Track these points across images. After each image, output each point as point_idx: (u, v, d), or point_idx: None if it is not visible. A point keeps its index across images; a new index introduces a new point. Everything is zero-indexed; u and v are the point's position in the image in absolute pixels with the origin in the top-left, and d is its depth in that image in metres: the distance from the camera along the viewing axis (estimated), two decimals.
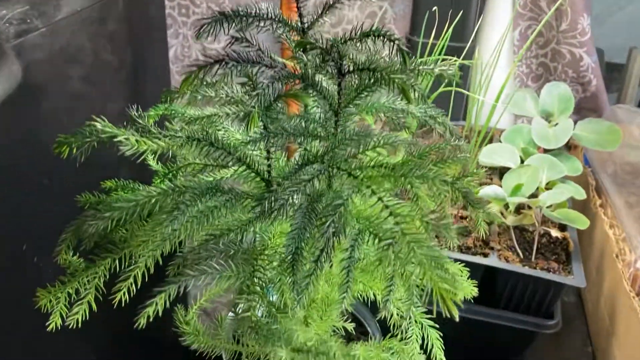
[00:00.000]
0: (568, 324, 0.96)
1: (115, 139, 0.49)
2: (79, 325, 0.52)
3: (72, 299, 0.54)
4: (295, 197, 0.47)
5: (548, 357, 0.92)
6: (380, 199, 0.43)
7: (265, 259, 0.50)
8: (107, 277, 0.54)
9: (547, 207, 0.85)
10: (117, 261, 0.54)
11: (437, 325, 0.58)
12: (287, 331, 0.39)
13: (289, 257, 0.46)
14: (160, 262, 0.53)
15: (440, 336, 0.59)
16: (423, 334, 0.57)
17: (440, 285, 0.40)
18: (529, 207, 0.86)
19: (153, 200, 0.49)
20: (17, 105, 0.78)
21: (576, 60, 1.13)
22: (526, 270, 0.79)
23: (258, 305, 0.46)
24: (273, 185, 0.55)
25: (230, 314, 0.67)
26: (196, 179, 0.51)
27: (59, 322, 0.54)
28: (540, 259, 0.82)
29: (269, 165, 0.56)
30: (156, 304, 0.43)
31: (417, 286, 0.48)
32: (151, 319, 0.43)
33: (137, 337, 1.31)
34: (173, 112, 0.59)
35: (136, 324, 0.42)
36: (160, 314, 0.45)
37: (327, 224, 0.42)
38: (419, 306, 0.56)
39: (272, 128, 0.52)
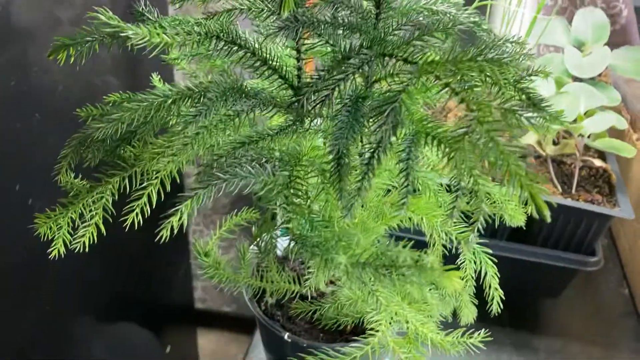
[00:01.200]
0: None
1: (121, 34, 0.41)
2: (86, 249, 0.44)
3: (77, 225, 0.47)
4: (336, 93, 0.40)
5: (584, 299, 0.87)
6: (447, 84, 0.36)
7: (301, 169, 0.43)
8: (117, 197, 0.46)
9: (587, 137, 0.78)
10: (126, 180, 0.47)
11: (490, 250, 0.52)
12: (345, 235, 0.33)
13: (334, 162, 0.39)
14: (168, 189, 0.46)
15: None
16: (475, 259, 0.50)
17: (526, 182, 0.33)
18: (569, 137, 0.80)
19: (170, 101, 0.42)
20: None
21: None
22: (569, 202, 0.72)
23: (298, 217, 0.39)
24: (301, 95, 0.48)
25: (253, 247, 0.60)
26: (218, 78, 0.44)
27: (62, 249, 0.47)
28: (582, 192, 0.76)
29: (299, 69, 0.48)
30: (181, 213, 0.35)
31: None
32: (175, 231, 0.36)
33: (147, 304, 1.25)
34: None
35: (158, 237, 0.36)
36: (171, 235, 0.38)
37: (387, 112, 0.35)
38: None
39: (303, 18, 0.44)
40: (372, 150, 0.38)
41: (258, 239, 0.59)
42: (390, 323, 0.44)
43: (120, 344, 1.17)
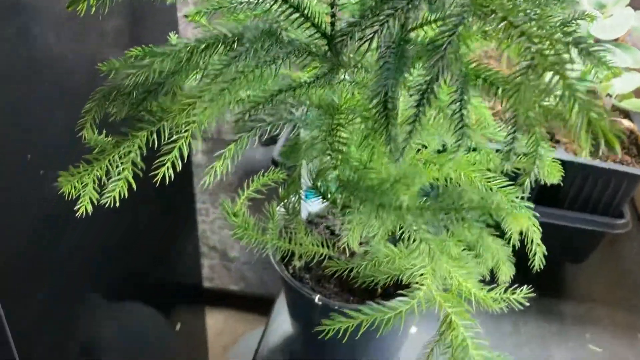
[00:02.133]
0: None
1: None
2: (116, 204, 0.42)
3: (103, 183, 0.45)
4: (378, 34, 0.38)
5: (608, 264, 0.86)
6: (504, 18, 0.34)
7: (342, 117, 0.41)
8: (145, 152, 0.44)
9: (614, 98, 0.76)
10: (154, 135, 0.45)
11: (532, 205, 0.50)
12: (404, 176, 0.31)
13: (381, 105, 0.37)
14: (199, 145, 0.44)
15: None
16: None
17: (595, 115, 0.31)
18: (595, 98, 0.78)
19: (203, 46, 0.40)
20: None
21: None
22: (598, 163, 0.71)
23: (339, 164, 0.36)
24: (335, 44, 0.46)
25: (281, 209, 0.58)
26: (252, 23, 0.42)
27: (89, 207, 0.45)
28: (610, 153, 0.74)
29: (333, 16, 0.46)
30: (225, 158, 0.33)
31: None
32: (219, 177, 0.34)
33: (158, 281, 1.23)
34: None
35: (203, 183, 0.33)
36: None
37: (444, 45, 0.32)
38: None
39: None
40: (422, 90, 0.36)
41: (285, 201, 0.58)
42: (435, 277, 0.42)
43: (132, 320, 1.15)
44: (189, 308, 1.48)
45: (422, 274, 0.42)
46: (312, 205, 0.62)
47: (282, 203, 0.58)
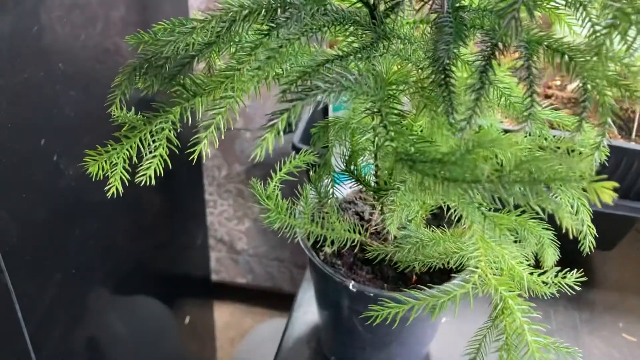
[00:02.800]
0: None
1: None
2: (152, 182, 0.40)
3: (134, 162, 0.42)
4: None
5: (637, 252, 0.84)
6: None
7: (393, 88, 0.39)
8: (179, 128, 0.42)
9: None
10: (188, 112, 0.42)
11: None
12: (484, 142, 0.28)
13: (440, 73, 0.34)
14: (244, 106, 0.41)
15: None
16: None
17: None
18: None
19: (245, 12, 0.37)
20: None
21: None
22: (632, 145, 0.68)
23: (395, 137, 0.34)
24: (378, 14, 0.43)
25: (312, 193, 0.55)
26: None
27: (120, 187, 0.42)
28: None
29: None
30: (277, 128, 0.31)
31: None
32: (269, 149, 0.31)
33: (167, 273, 1.21)
34: None
35: (253, 156, 0.31)
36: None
37: (514, 3, 0.30)
38: None
39: None
40: (486, 56, 0.34)
41: (317, 184, 0.55)
42: (489, 260, 0.40)
43: (142, 312, 1.13)
44: (198, 301, 1.46)
45: (475, 257, 0.40)
46: (340, 191, 0.59)
47: (313, 186, 0.55)
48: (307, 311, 0.72)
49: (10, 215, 0.68)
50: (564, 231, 0.46)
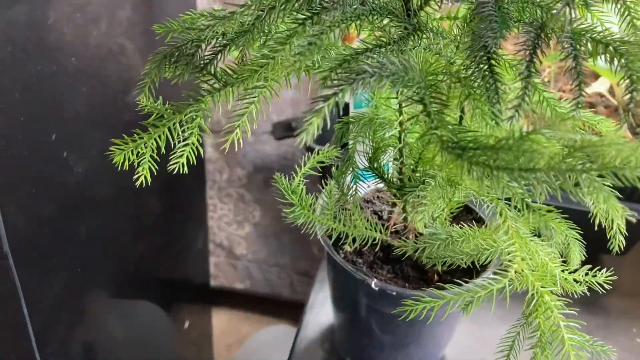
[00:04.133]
0: None
1: None
2: (185, 170, 0.39)
3: (161, 152, 0.42)
4: None
5: None
6: None
7: (434, 78, 0.38)
8: (211, 117, 0.41)
9: None
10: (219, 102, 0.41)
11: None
12: (536, 127, 0.28)
13: (484, 62, 0.34)
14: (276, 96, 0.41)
15: None
16: None
17: None
18: None
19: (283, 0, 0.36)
20: None
21: None
22: None
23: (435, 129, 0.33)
24: (412, 6, 0.43)
25: (335, 189, 0.55)
26: None
27: (148, 176, 0.41)
28: None
29: None
30: (323, 112, 0.30)
31: None
32: (315, 135, 0.30)
33: (168, 277, 1.19)
34: None
35: (297, 143, 0.30)
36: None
37: None
38: None
39: None
40: (531, 45, 0.33)
41: (340, 180, 0.55)
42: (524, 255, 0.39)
43: (142, 316, 1.11)
44: (197, 305, 1.44)
45: (511, 252, 0.39)
46: (359, 189, 0.59)
47: (337, 183, 0.55)
48: (320, 312, 0.71)
49: (19, 210, 0.66)
50: (602, 226, 0.46)
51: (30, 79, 0.65)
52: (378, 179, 0.54)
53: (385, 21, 0.41)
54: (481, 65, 0.34)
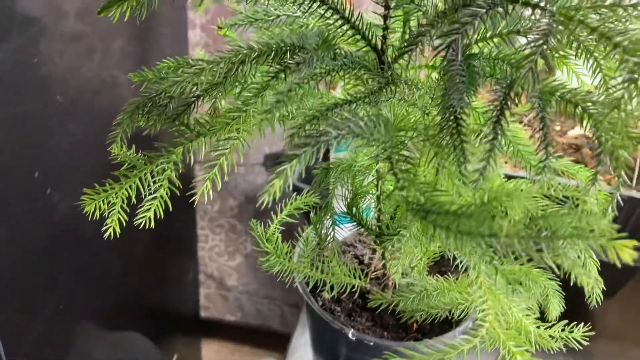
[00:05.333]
0: None
1: None
2: (152, 224, 0.39)
3: (132, 202, 0.41)
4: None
5: (638, 301, 0.82)
6: (595, 29, 0.31)
7: (402, 134, 0.38)
8: (180, 170, 0.41)
9: None
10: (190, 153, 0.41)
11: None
12: (500, 197, 0.27)
13: (452, 121, 0.34)
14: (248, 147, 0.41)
15: None
16: None
17: None
18: None
19: (255, 55, 0.36)
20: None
21: None
22: (634, 193, 0.68)
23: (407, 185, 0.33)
24: (386, 59, 0.43)
25: (312, 235, 0.54)
26: (309, 32, 0.39)
27: (117, 228, 0.41)
28: None
29: (385, 29, 0.43)
30: (286, 175, 0.30)
31: None
32: (276, 195, 0.30)
33: (157, 309, 1.18)
34: None
35: (261, 204, 0.30)
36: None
37: (535, 54, 0.29)
38: None
39: None
40: (498, 106, 0.33)
41: (317, 226, 0.54)
42: (496, 313, 0.38)
43: (131, 349, 1.10)
44: (186, 337, 1.43)
45: (483, 309, 0.38)
46: (339, 233, 0.58)
47: (314, 229, 0.54)
48: (303, 356, 0.70)
49: (1, 248, 0.66)
50: (571, 284, 0.45)
51: (15, 119, 0.65)
52: (356, 225, 0.54)
53: (359, 74, 0.41)
54: (449, 123, 0.34)
